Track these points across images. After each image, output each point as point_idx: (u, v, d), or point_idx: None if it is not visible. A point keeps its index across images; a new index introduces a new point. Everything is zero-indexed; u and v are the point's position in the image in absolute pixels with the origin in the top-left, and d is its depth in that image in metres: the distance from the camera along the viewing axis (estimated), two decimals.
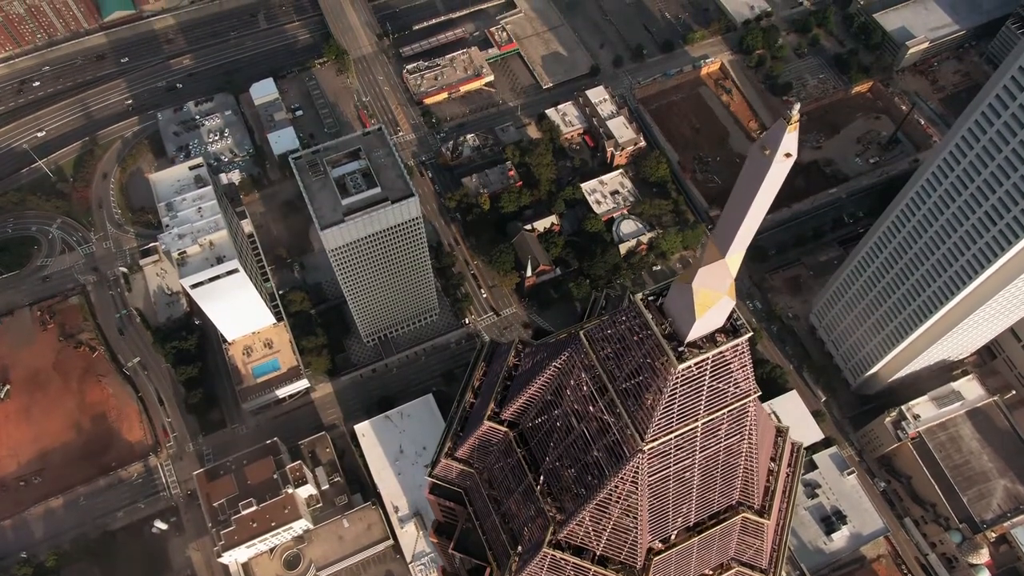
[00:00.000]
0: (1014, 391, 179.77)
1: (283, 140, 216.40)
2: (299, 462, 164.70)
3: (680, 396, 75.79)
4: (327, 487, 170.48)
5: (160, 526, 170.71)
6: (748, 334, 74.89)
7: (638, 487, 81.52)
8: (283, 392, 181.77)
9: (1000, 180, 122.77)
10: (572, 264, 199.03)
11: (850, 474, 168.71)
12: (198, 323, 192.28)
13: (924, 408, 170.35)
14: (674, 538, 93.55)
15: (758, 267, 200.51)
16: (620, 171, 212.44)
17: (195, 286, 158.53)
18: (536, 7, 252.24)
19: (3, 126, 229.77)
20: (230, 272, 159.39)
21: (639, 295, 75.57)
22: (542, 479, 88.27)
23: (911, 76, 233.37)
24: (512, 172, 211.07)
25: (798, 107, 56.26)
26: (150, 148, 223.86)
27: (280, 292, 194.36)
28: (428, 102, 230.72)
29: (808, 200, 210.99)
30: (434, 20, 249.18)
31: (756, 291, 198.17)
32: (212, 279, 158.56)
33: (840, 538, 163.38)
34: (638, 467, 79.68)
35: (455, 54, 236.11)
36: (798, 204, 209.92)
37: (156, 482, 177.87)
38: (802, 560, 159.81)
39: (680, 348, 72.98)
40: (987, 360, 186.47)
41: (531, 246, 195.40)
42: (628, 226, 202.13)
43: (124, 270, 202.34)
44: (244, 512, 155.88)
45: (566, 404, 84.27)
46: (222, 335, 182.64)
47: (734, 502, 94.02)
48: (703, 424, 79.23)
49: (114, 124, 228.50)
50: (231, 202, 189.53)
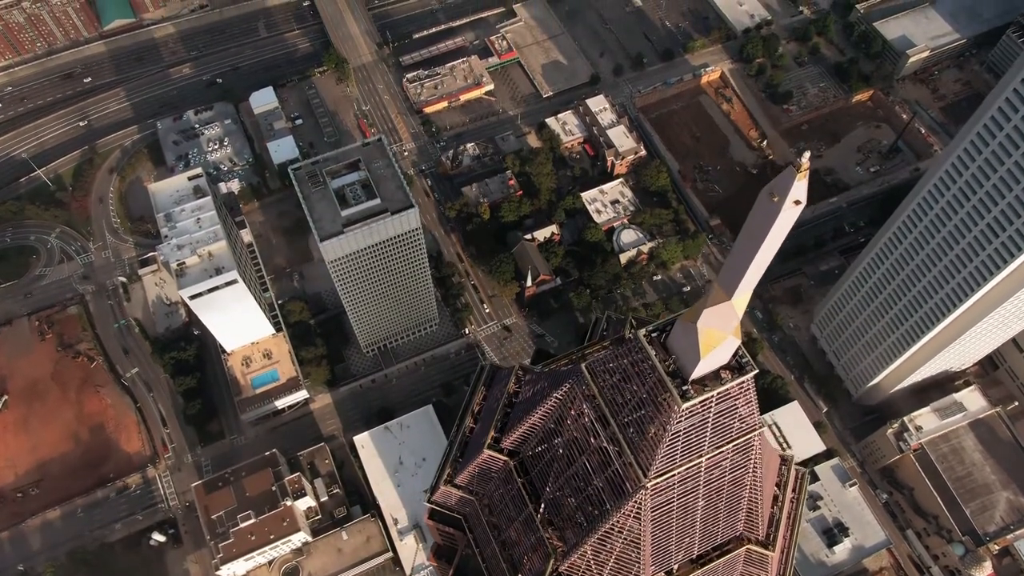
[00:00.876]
0: (1016, 402, 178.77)
1: (283, 149, 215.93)
2: (298, 474, 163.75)
3: (684, 433, 74.83)
4: (326, 499, 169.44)
5: (158, 538, 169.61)
6: (754, 371, 73.84)
7: (641, 521, 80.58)
8: (282, 403, 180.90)
9: (1003, 193, 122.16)
10: (572, 274, 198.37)
11: (852, 486, 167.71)
12: (197, 333, 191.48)
13: (926, 419, 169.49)
14: (677, 570, 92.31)
15: None
16: (620, 180, 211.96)
17: (194, 297, 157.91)
18: (536, 16, 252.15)
19: (2, 135, 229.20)
20: (229, 283, 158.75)
21: (642, 331, 74.55)
22: (543, 508, 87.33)
23: (912, 85, 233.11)
24: (512, 181, 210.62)
25: (808, 155, 55.54)
26: (149, 157, 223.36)
27: (279, 302, 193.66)
28: (428, 111, 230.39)
29: (809, 209, 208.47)
30: (434, 29, 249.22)
31: (757, 301, 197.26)
32: (211, 290, 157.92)
33: (842, 551, 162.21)
34: (641, 502, 78.79)
35: (455, 63, 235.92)
36: None
37: (154, 494, 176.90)
38: (804, 573, 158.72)
39: (684, 387, 71.92)
40: (989, 371, 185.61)
41: (531, 256, 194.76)
42: (628, 236, 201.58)
43: (123, 280, 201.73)
44: (243, 525, 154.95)
45: (567, 435, 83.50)
46: (221, 346, 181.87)
47: (738, 534, 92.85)
48: (707, 459, 78.24)
49: (113, 133, 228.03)
50: (230, 212, 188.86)
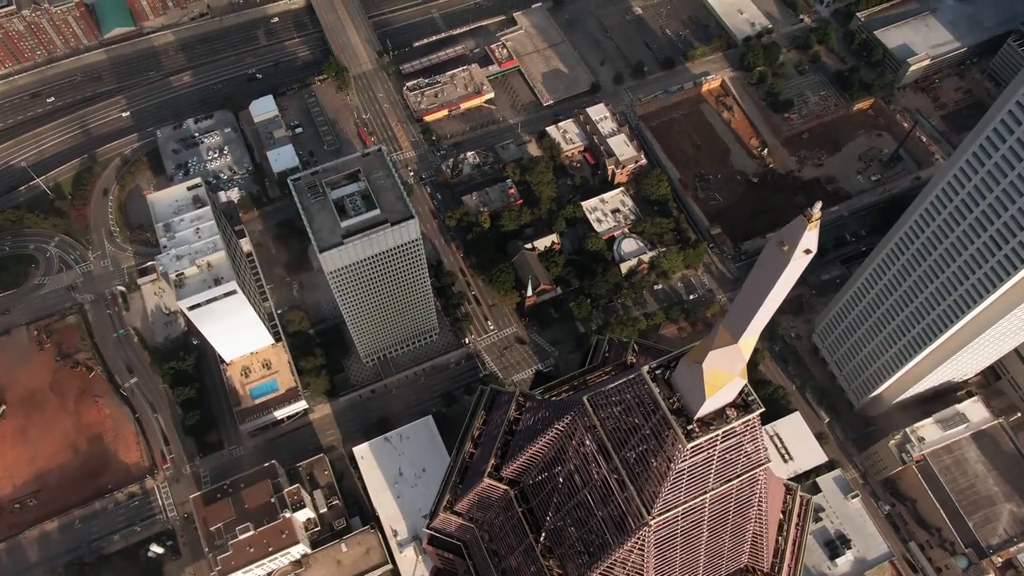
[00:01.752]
0: (1020, 413, 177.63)
1: (283, 158, 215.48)
2: (297, 485, 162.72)
3: (688, 471, 74.01)
4: (325, 510, 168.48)
5: (156, 550, 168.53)
6: (760, 410, 72.99)
7: (644, 555, 79.69)
8: (281, 413, 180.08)
9: (1006, 205, 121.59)
10: (573, 283, 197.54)
11: (854, 497, 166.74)
12: (196, 343, 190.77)
13: (929, 430, 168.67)
14: None
15: None
16: (621, 189, 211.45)
17: (193, 308, 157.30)
18: (537, 24, 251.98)
19: (1, 143, 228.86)
20: (228, 294, 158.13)
21: (646, 367, 73.69)
22: (544, 537, 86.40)
23: (912, 93, 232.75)
24: (512, 190, 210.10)
25: (819, 206, 55.04)
26: (149, 165, 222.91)
27: (279, 311, 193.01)
28: (428, 119, 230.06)
29: None
30: (434, 37, 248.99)
31: None
32: (210, 301, 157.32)
33: (844, 563, 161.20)
34: (644, 538, 77.93)
35: (455, 71, 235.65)
36: None
37: (153, 505, 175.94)
38: None
39: (689, 426, 71.17)
40: (991, 381, 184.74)
41: (531, 265, 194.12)
42: (629, 245, 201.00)
43: (122, 289, 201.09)
44: (241, 537, 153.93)
45: (569, 466, 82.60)
46: (220, 356, 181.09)
47: (743, 566, 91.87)
48: (712, 495, 77.42)
49: (113, 141, 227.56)
50: (230, 220, 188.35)
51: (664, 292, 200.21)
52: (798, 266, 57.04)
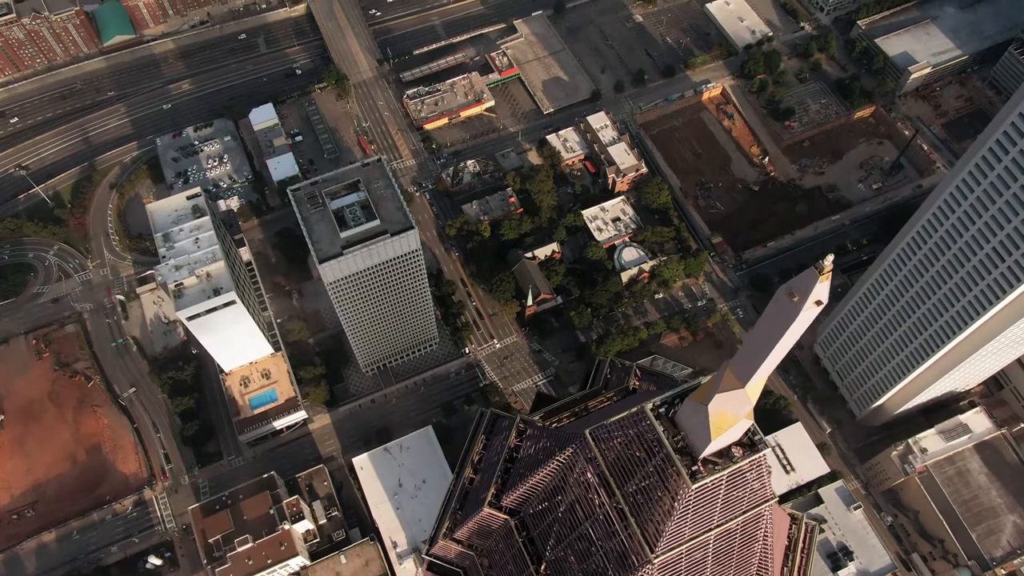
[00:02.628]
0: (1022, 423, 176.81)
1: (282, 166, 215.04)
2: (296, 497, 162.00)
3: (693, 510, 72.98)
4: (324, 522, 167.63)
5: (154, 562, 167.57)
6: (766, 449, 72.12)
7: None
8: (280, 423, 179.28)
9: (1009, 217, 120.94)
10: (573, 292, 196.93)
11: (856, 508, 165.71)
12: (195, 352, 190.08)
13: (931, 441, 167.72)
14: None
15: (761, 295, 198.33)
16: (622, 198, 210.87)
17: (191, 318, 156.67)
18: (537, 32, 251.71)
19: (1, 151, 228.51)
20: (227, 304, 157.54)
21: (649, 404, 72.71)
22: (544, 567, 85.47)
23: (913, 101, 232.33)
24: (513, 199, 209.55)
25: (831, 259, 54.59)
26: (148, 174, 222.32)
27: (278, 321, 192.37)
28: (428, 127, 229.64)
29: (811, 227, 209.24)
30: (435, 45, 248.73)
31: None
32: (209, 311, 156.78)
33: (847, 575, 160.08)
34: (647, 575, 76.91)
35: (455, 79, 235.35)
36: (801, 231, 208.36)
37: (151, 516, 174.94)
38: None
39: (694, 467, 70.23)
40: (994, 390, 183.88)
41: (532, 274, 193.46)
42: (630, 254, 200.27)
43: (121, 298, 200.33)
44: (240, 549, 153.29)
45: (570, 498, 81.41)
46: (219, 365, 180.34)
47: None
48: (716, 532, 76.43)
49: (113, 149, 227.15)
50: (229, 229, 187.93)
51: (665, 301, 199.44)
52: (808, 317, 56.59)
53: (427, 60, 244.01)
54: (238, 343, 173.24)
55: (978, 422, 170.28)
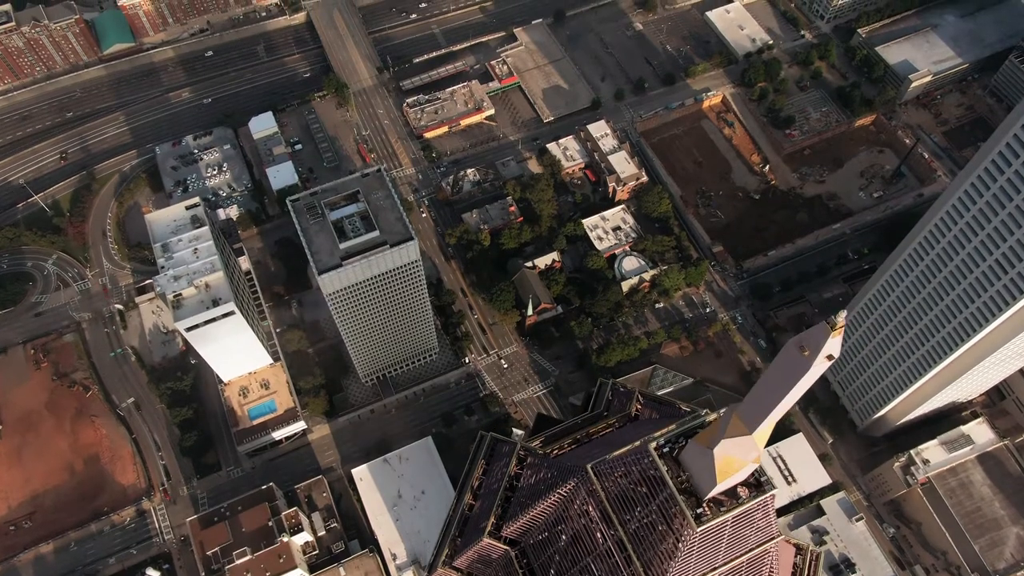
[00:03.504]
0: None
1: (282, 175, 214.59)
2: (295, 508, 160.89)
3: (698, 551, 71.97)
4: (323, 533, 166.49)
5: (152, 574, 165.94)
6: (772, 491, 71.00)
7: None
8: (279, 434, 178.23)
9: (1012, 229, 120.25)
10: (574, 302, 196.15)
11: (859, 520, 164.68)
12: (194, 362, 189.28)
13: (934, 452, 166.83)
14: None
15: (762, 305, 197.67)
16: (622, 206, 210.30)
17: (190, 329, 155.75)
18: (537, 40, 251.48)
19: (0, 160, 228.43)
20: (226, 315, 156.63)
21: (653, 443, 71.73)
22: None
23: (914, 109, 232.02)
24: (513, 208, 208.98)
25: (844, 315, 53.94)
26: (148, 182, 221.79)
27: (277, 330, 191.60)
28: (428, 136, 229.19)
29: (812, 236, 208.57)
30: (435, 53, 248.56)
31: (760, 329, 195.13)
32: (207, 322, 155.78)
33: None
34: None
35: (456, 87, 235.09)
36: (802, 240, 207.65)
37: (149, 527, 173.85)
38: None
39: (699, 509, 69.14)
40: (996, 401, 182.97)
41: (532, 284, 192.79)
42: (630, 263, 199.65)
43: (119, 307, 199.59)
44: (238, 561, 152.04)
45: (571, 531, 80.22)
46: (218, 376, 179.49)
47: None
48: (720, 572, 75.39)
49: (112, 158, 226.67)
50: (228, 238, 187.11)
51: (665, 311, 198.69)
52: (819, 371, 55.97)
53: (427, 68, 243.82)
54: (237, 353, 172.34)
55: (980, 433, 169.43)
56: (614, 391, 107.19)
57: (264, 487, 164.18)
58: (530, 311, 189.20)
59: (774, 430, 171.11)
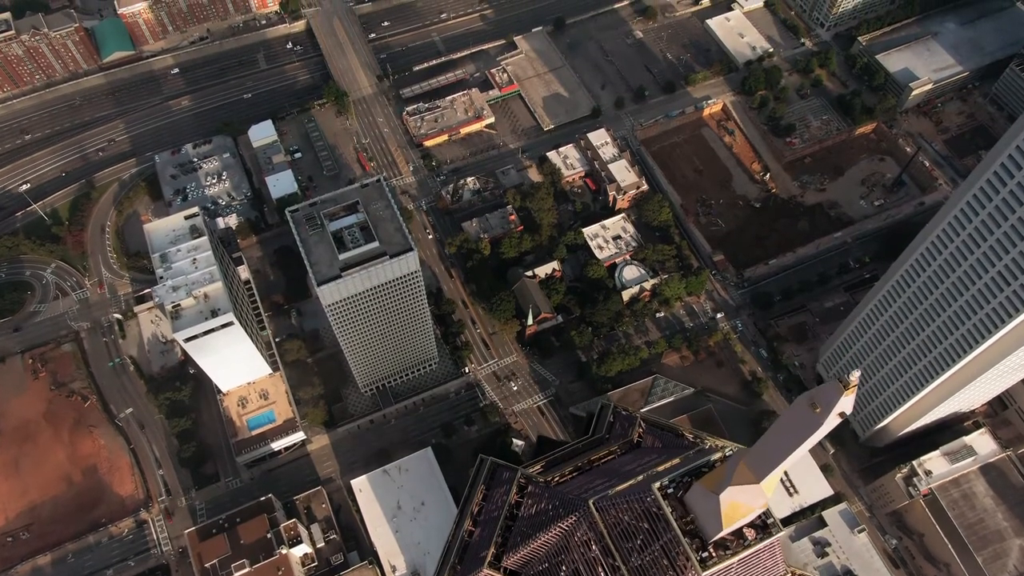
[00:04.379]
0: None
1: (281, 183, 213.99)
2: (294, 520, 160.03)
3: None
4: (323, 545, 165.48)
5: None
6: (780, 532, 69.84)
7: None
8: (278, 445, 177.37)
9: (1014, 241, 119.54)
10: (574, 311, 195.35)
11: (861, 531, 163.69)
12: (192, 372, 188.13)
13: (936, 463, 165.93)
14: None
15: (763, 314, 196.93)
16: (622, 215, 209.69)
17: (189, 339, 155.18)
18: (537, 48, 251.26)
19: None
20: (225, 325, 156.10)
21: (656, 484, 70.58)
22: None
23: (915, 117, 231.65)
24: (513, 216, 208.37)
25: (857, 375, 53.52)
26: (147, 191, 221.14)
27: (277, 340, 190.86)
28: (428, 144, 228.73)
29: (813, 244, 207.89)
30: (434, 61, 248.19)
31: (761, 339, 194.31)
32: (206, 332, 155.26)
33: None
34: None
35: (455, 96, 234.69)
36: (803, 248, 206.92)
37: (147, 539, 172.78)
38: None
39: (704, 552, 67.90)
40: (998, 411, 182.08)
41: (532, 293, 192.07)
42: (631, 272, 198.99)
43: (118, 316, 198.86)
44: (237, 574, 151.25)
45: (572, 566, 78.84)
46: (216, 386, 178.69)
47: None
48: None
49: (111, 166, 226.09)
50: (227, 247, 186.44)
51: (666, 320, 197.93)
52: (829, 427, 55.27)
53: (427, 76, 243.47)
54: (236, 364, 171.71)
55: (983, 443, 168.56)
56: (616, 415, 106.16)
57: (263, 498, 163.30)
58: (530, 320, 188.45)
59: None
